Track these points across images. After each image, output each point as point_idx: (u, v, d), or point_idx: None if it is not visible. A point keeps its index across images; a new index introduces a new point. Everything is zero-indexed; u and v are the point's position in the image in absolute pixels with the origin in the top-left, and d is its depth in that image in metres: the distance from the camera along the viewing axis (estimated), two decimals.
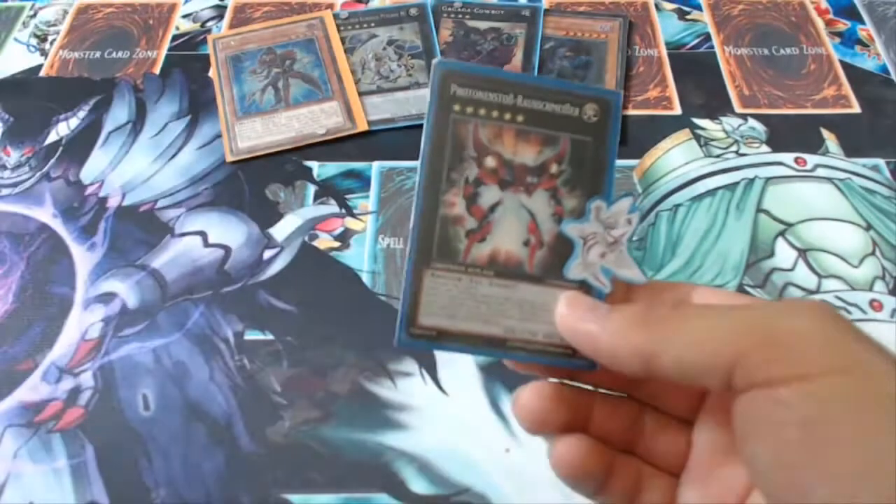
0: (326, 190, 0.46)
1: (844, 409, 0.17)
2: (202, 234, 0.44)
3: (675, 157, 0.47)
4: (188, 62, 0.54)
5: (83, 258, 0.43)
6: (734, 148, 0.47)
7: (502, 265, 0.24)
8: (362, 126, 0.48)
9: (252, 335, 0.40)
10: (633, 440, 0.25)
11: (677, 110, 0.50)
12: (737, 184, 0.45)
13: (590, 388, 0.25)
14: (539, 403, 0.24)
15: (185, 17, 0.57)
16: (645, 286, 0.24)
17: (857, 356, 0.18)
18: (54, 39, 0.56)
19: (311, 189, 0.46)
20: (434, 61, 0.24)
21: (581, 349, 0.22)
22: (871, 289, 0.40)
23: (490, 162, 0.24)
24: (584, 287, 0.24)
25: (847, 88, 0.51)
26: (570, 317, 0.23)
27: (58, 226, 0.44)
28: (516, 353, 0.24)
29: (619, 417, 0.25)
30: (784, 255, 0.42)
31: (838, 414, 0.17)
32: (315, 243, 0.43)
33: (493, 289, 0.24)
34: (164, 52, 0.54)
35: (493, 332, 0.24)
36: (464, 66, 0.25)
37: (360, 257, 0.42)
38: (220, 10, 0.57)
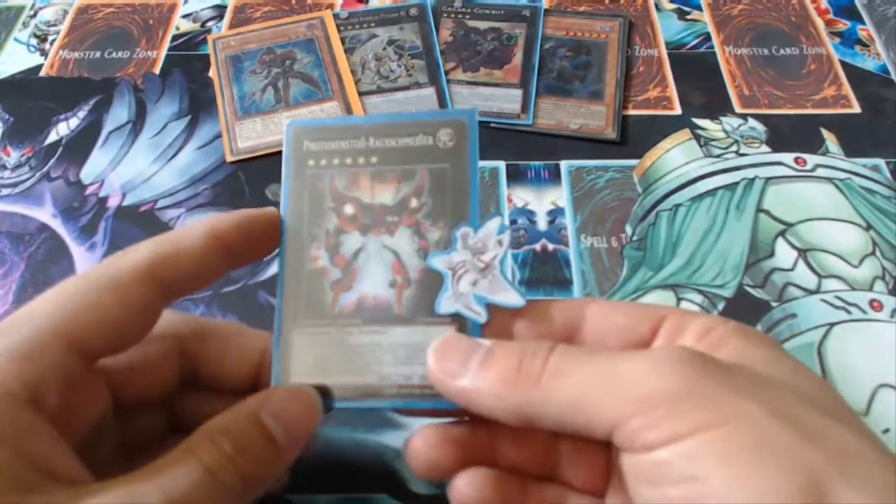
0: None
1: (718, 464, 0.18)
2: None
3: (675, 157, 0.47)
4: (188, 62, 0.54)
5: (83, 258, 0.43)
6: (734, 148, 0.47)
7: (370, 311, 0.23)
8: None
9: None
10: (551, 467, 0.24)
11: (677, 110, 0.50)
12: (737, 184, 0.45)
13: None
14: (428, 452, 0.23)
15: (185, 17, 0.57)
16: (535, 306, 0.24)
17: (727, 407, 0.18)
18: (54, 39, 0.56)
19: None
20: (286, 123, 0.25)
21: (456, 403, 0.22)
22: (871, 289, 0.40)
23: (348, 209, 0.24)
24: (458, 321, 0.22)
25: (847, 88, 0.51)
26: (439, 372, 0.22)
27: (58, 226, 0.44)
28: (393, 400, 0.22)
29: (528, 447, 0.24)
30: (784, 255, 0.42)
31: (712, 469, 0.18)
32: None
33: (363, 337, 0.23)
34: (164, 52, 0.54)
35: (367, 381, 0.23)
36: (313, 122, 0.25)
37: None
38: (220, 10, 0.57)
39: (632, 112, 0.50)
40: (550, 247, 0.43)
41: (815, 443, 0.18)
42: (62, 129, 0.50)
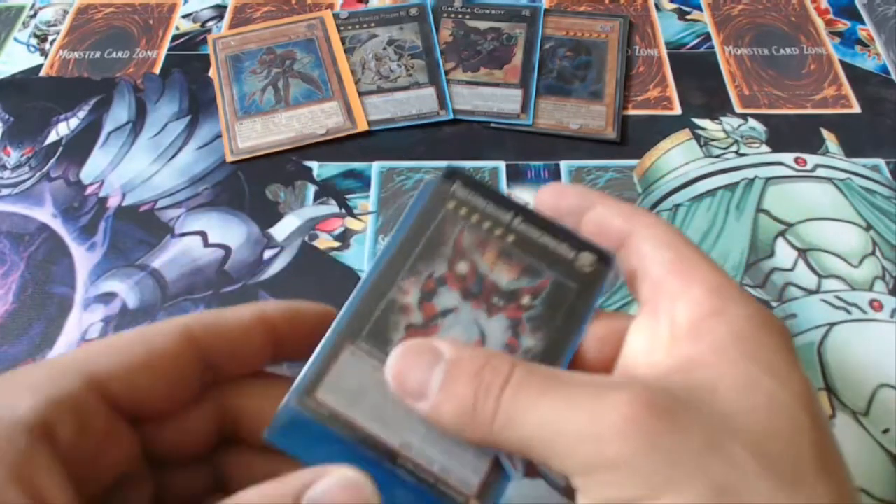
0: (326, 190, 0.46)
1: None
2: (202, 234, 0.44)
3: (675, 157, 0.47)
4: (188, 62, 0.54)
5: (83, 258, 0.43)
6: (734, 148, 0.47)
7: None
8: (362, 126, 0.48)
9: None
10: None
11: (677, 110, 0.50)
12: (737, 184, 0.45)
13: None
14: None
15: (185, 17, 0.57)
16: (594, 200, 0.24)
17: (667, 484, 0.17)
18: (54, 39, 0.56)
19: (311, 189, 0.46)
20: (448, 165, 0.23)
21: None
22: (871, 289, 0.40)
23: (462, 267, 0.23)
24: (494, 461, 0.21)
25: (847, 88, 0.51)
26: (399, 390, 0.21)
27: (58, 226, 0.44)
28: (402, 472, 0.21)
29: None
30: (784, 255, 0.42)
31: None
32: (315, 243, 0.43)
33: None
34: (164, 52, 0.54)
35: (388, 439, 0.21)
36: (473, 177, 0.23)
37: (360, 257, 0.42)
38: (220, 10, 0.57)
39: (632, 112, 0.50)
40: None
41: None
42: (62, 129, 0.50)
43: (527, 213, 0.23)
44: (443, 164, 0.47)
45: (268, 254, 0.43)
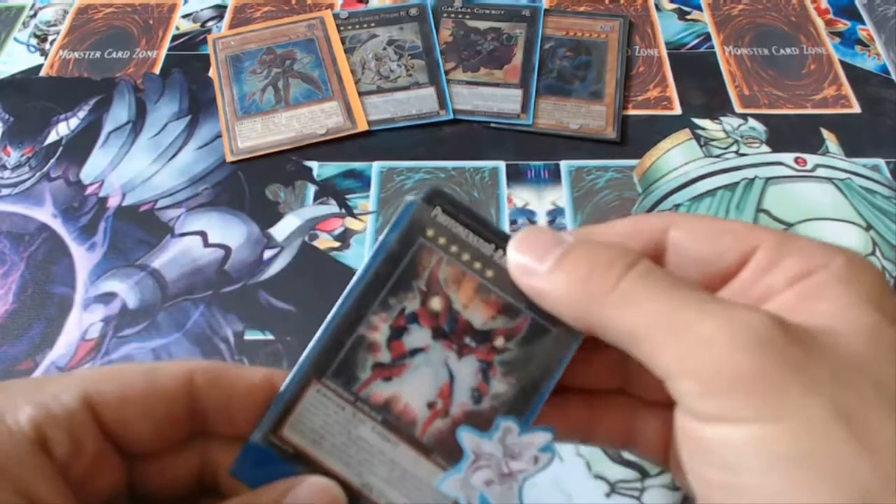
0: (326, 190, 0.46)
1: (763, 464, 0.16)
2: (202, 234, 0.44)
3: (675, 157, 0.47)
4: (188, 62, 0.54)
5: (83, 258, 0.43)
6: (734, 148, 0.47)
7: (394, 416, 0.21)
8: (362, 126, 0.48)
9: (252, 335, 0.40)
10: (620, 381, 0.24)
11: (677, 110, 0.50)
12: (737, 184, 0.45)
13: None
14: None
15: (185, 17, 0.57)
16: (612, 226, 0.22)
17: (790, 402, 0.16)
18: (54, 39, 0.56)
19: (311, 189, 0.46)
20: (432, 185, 0.22)
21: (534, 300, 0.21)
22: None
23: (436, 303, 0.21)
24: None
25: (847, 88, 0.51)
26: (518, 267, 0.21)
27: (58, 226, 0.44)
28: None
29: (597, 362, 0.23)
30: None
31: (756, 468, 0.16)
32: (315, 243, 0.43)
33: (372, 435, 0.21)
34: (164, 52, 0.54)
35: (350, 479, 0.21)
36: (456, 199, 0.22)
37: (360, 257, 0.42)
38: (220, 10, 0.57)
39: (632, 112, 0.50)
40: None
41: (881, 459, 0.16)
42: (62, 129, 0.50)
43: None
44: (443, 164, 0.47)
45: (268, 254, 0.43)
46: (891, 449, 0.16)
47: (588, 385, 0.24)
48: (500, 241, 0.21)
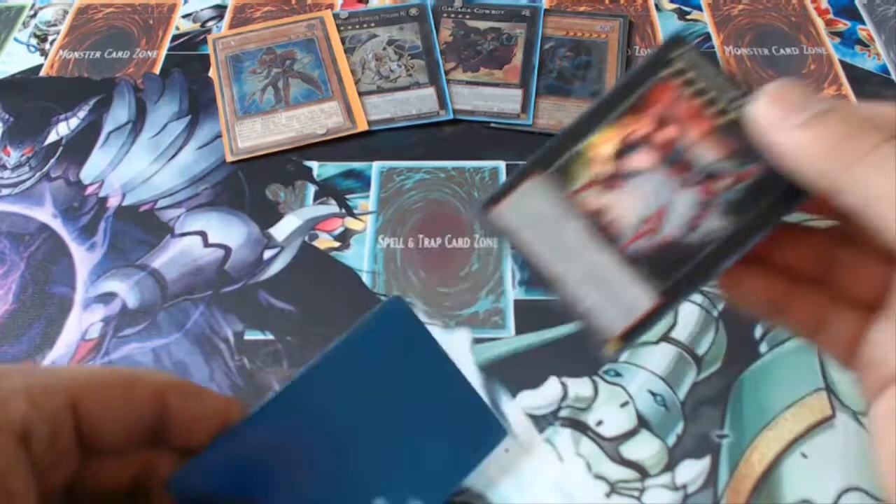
0: (326, 190, 0.46)
1: None
2: (202, 234, 0.44)
3: None
4: (188, 62, 0.54)
5: (83, 258, 0.43)
6: None
7: (603, 223, 0.22)
8: (362, 126, 0.48)
9: (252, 335, 0.40)
10: (825, 269, 0.23)
11: None
12: None
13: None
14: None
15: (185, 17, 0.57)
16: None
17: None
18: (54, 39, 0.56)
19: (311, 189, 0.46)
20: (675, 34, 0.22)
21: (770, 154, 0.20)
22: None
23: (669, 132, 0.22)
24: (665, 295, 0.21)
25: (847, 88, 0.51)
26: (761, 116, 0.20)
27: (58, 226, 0.44)
28: (557, 297, 0.21)
29: (807, 244, 0.23)
30: None
31: None
32: (315, 243, 0.43)
33: (578, 235, 0.22)
34: (164, 52, 0.54)
35: (549, 267, 0.21)
36: (701, 51, 0.22)
37: (360, 257, 0.42)
38: (220, 10, 0.57)
39: None
40: None
41: None
42: (62, 129, 0.50)
43: (751, 96, 0.21)
44: (443, 164, 0.47)
45: (268, 254, 0.43)
46: None
47: (794, 266, 0.23)
48: (747, 87, 0.21)
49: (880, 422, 0.19)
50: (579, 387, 0.37)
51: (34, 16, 0.58)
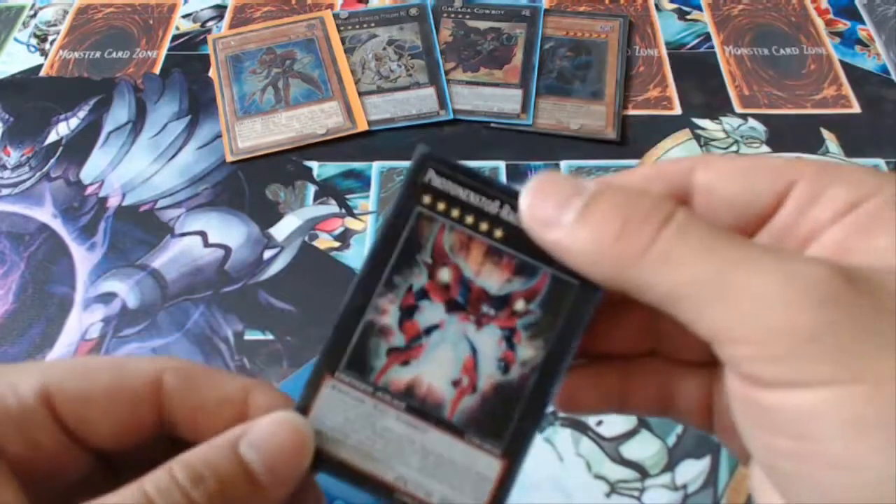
0: (326, 190, 0.46)
1: (844, 431, 0.15)
2: (202, 234, 0.44)
3: (675, 157, 0.47)
4: (188, 62, 0.54)
5: (83, 258, 0.43)
6: (734, 148, 0.47)
7: (419, 400, 0.20)
8: (362, 126, 0.48)
9: (252, 335, 0.40)
10: (652, 341, 0.22)
11: (677, 110, 0.50)
12: None
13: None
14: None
15: (185, 17, 0.57)
16: (631, 172, 0.20)
17: (865, 362, 0.15)
18: (54, 39, 0.56)
19: (311, 189, 0.46)
20: (418, 146, 0.20)
21: (554, 254, 0.19)
22: None
23: (444, 275, 0.20)
24: (508, 455, 0.20)
25: (847, 88, 0.51)
26: (529, 216, 0.18)
27: (58, 226, 0.44)
28: None
29: (625, 328, 0.22)
30: None
31: (835, 434, 0.15)
32: (315, 243, 0.43)
33: (398, 425, 0.20)
34: (164, 52, 0.54)
35: (381, 475, 0.20)
36: (448, 159, 0.20)
37: (360, 257, 0.42)
38: (220, 10, 0.57)
39: (632, 112, 0.50)
40: None
41: None
42: (62, 129, 0.50)
43: (514, 201, 0.20)
44: None
45: (268, 254, 0.43)
46: None
47: (617, 350, 0.22)
48: (507, 196, 0.20)
49: (758, 490, 0.18)
50: None
51: (34, 16, 0.58)
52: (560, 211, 0.18)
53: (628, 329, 0.22)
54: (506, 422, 0.20)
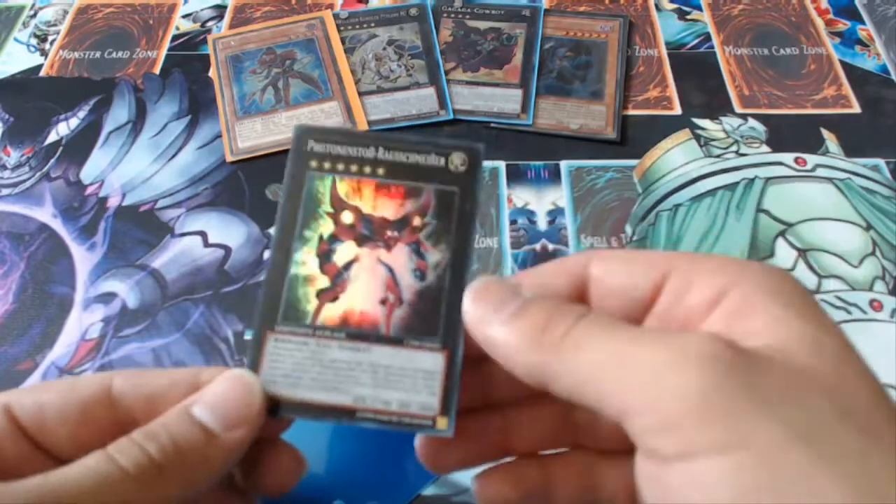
0: None
1: (731, 496, 0.16)
2: (202, 234, 0.44)
3: (675, 157, 0.47)
4: (188, 62, 0.54)
5: (83, 258, 0.43)
6: (734, 148, 0.47)
7: (355, 327, 0.22)
8: (362, 126, 0.48)
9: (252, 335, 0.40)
10: (571, 435, 0.24)
11: (677, 110, 0.50)
12: (737, 184, 0.45)
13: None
14: (442, 453, 0.23)
15: (185, 17, 0.57)
16: (538, 271, 0.23)
17: (747, 427, 0.16)
18: (54, 39, 0.56)
19: None
20: (295, 125, 0.24)
21: (484, 347, 0.21)
22: (871, 289, 0.40)
23: (347, 217, 0.23)
24: (448, 346, 0.22)
25: (847, 88, 0.51)
26: (471, 316, 0.21)
27: (58, 226, 0.44)
28: (367, 423, 0.22)
29: (543, 420, 0.24)
30: (784, 255, 0.42)
31: (724, 501, 0.16)
32: None
33: (343, 353, 0.22)
34: (164, 52, 0.54)
35: (340, 401, 0.22)
36: (321, 126, 0.24)
37: None
38: (220, 10, 0.57)
39: (632, 112, 0.50)
40: (550, 247, 0.43)
41: (849, 473, 0.16)
42: (62, 129, 0.50)
43: (387, 141, 0.23)
44: None
45: (268, 254, 0.43)
46: (855, 460, 0.16)
47: (538, 447, 0.24)
48: (376, 141, 0.23)
49: None
50: None
51: (34, 16, 0.58)
52: (497, 311, 0.21)
53: (548, 425, 0.24)
54: (436, 319, 0.22)
